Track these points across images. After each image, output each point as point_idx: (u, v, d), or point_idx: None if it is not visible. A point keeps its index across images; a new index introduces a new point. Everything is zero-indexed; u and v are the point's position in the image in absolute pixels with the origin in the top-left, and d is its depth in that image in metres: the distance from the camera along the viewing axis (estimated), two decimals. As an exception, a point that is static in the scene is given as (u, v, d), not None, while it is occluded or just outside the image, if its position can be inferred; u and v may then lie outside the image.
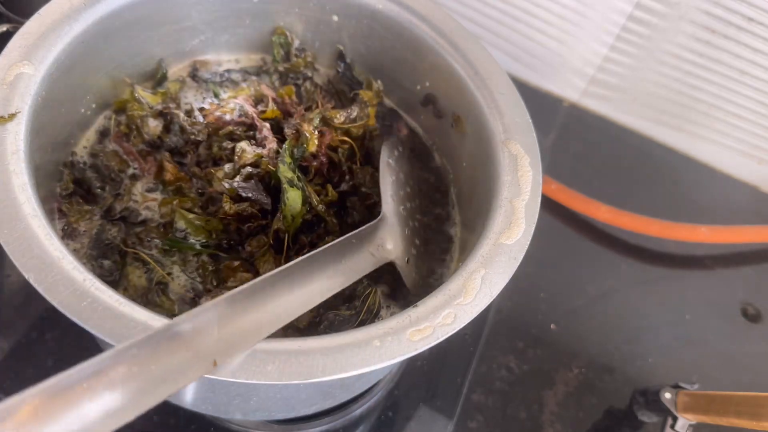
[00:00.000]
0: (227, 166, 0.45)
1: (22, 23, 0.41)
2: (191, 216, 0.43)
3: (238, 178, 0.44)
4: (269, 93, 0.51)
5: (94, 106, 0.47)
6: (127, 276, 0.42)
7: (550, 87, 0.83)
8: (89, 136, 0.47)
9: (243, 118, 0.48)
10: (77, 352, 0.50)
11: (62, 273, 0.31)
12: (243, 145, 0.45)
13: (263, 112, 0.49)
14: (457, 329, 0.34)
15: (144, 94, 0.49)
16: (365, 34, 0.53)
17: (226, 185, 0.43)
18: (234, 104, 0.49)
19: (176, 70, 0.53)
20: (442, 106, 0.52)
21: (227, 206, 0.42)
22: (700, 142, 0.81)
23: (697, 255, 0.73)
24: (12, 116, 0.36)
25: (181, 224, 0.42)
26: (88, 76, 0.45)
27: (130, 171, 0.47)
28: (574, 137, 0.80)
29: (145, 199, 0.46)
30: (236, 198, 0.43)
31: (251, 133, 0.48)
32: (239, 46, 0.55)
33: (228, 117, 0.48)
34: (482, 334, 0.60)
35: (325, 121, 0.49)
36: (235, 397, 0.39)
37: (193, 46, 0.53)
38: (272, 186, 0.45)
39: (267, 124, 0.47)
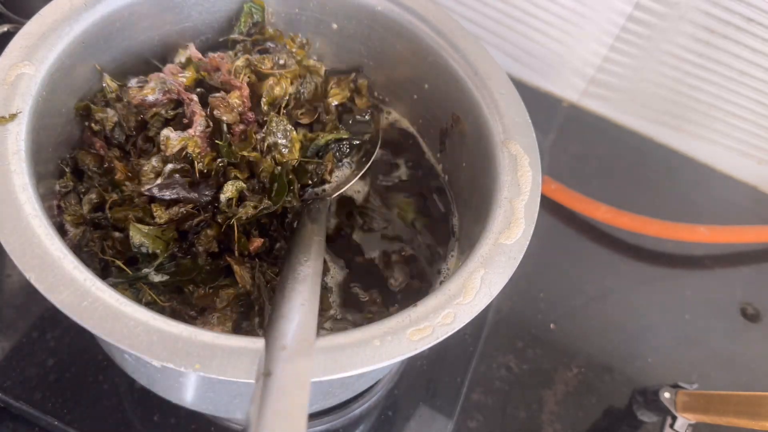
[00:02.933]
0: (154, 159, 0.42)
1: (22, 23, 0.41)
2: (146, 229, 0.40)
3: (159, 180, 0.41)
4: (195, 54, 0.47)
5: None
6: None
7: (549, 87, 0.83)
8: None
9: (168, 95, 0.44)
10: (78, 352, 0.50)
11: (63, 273, 0.31)
12: (166, 132, 0.41)
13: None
14: (457, 329, 0.34)
15: (111, 84, 0.46)
16: (365, 35, 0.53)
17: (146, 192, 0.40)
18: (155, 82, 0.43)
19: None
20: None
21: (158, 214, 0.40)
22: (700, 142, 0.81)
23: (696, 255, 0.73)
24: (13, 116, 0.36)
25: (137, 239, 0.40)
26: (89, 77, 0.45)
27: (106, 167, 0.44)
28: (573, 137, 0.80)
29: (111, 198, 0.43)
30: (168, 202, 0.41)
31: (181, 110, 0.44)
32: (239, 46, 0.55)
33: (151, 97, 0.43)
34: (482, 334, 0.60)
35: (253, 67, 0.46)
36: (235, 396, 0.39)
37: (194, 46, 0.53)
38: (206, 172, 0.42)
39: (194, 97, 0.43)
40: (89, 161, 0.44)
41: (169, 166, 0.41)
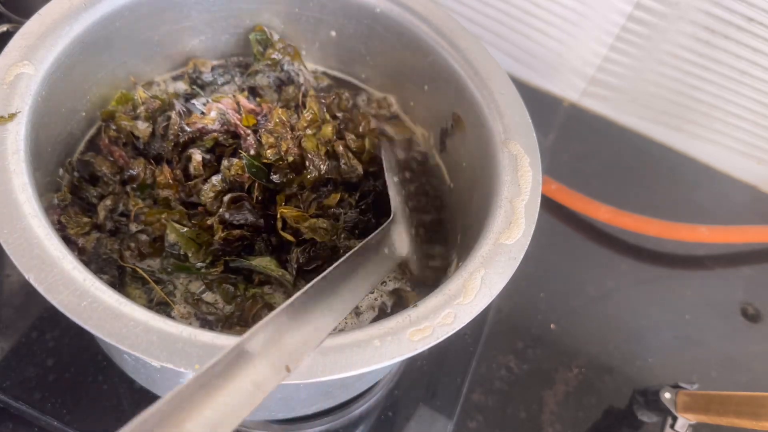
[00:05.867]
0: (215, 179, 0.44)
1: (22, 23, 0.41)
2: (183, 229, 0.42)
3: (224, 206, 0.43)
4: (246, 105, 0.49)
5: (94, 106, 0.47)
6: (126, 293, 0.41)
7: (550, 87, 0.83)
8: (89, 137, 0.47)
9: (226, 126, 0.47)
10: (77, 352, 0.50)
11: (62, 273, 0.31)
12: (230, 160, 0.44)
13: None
14: (457, 329, 0.34)
15: (144, 96, 0.48)
16: (365, 35, 0.53)
17: (217, 218, 0.42)
18: (215, 113, 0.47)
19: (179, 71, 0.53)
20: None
21: (218, 233, 0.42)
22: (700, 142, 0.81)
23: (697, 255, 0.73)
24: (12, 116, 0.36)
25: (172, 237, 0.41)
26: (89, 76, 0.45)
27: (125, 176, 0.45)
28: (574, 137, 0.80)
29: (137, 205, 0.44)
30: (229, 224, 0.43)
31: (237, 141, 0.47)
32: (240, 46, 0.55)
33: (210, 127, 0.47)
34: (482, 334, 0.60)
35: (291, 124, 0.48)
36: (234, 396, 0.39)
37: (193, 46, 0.53)
38: (260, 199, 0.44)
39: (251, 132, 0.46)
40: (106, 168, 0.45)
41: (229, 195, 0.43)
